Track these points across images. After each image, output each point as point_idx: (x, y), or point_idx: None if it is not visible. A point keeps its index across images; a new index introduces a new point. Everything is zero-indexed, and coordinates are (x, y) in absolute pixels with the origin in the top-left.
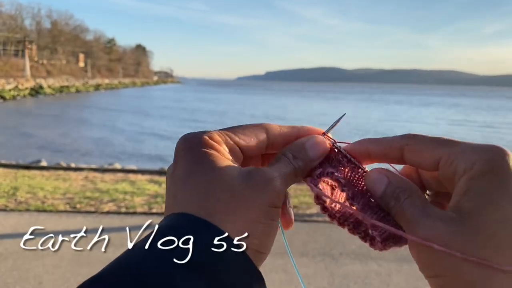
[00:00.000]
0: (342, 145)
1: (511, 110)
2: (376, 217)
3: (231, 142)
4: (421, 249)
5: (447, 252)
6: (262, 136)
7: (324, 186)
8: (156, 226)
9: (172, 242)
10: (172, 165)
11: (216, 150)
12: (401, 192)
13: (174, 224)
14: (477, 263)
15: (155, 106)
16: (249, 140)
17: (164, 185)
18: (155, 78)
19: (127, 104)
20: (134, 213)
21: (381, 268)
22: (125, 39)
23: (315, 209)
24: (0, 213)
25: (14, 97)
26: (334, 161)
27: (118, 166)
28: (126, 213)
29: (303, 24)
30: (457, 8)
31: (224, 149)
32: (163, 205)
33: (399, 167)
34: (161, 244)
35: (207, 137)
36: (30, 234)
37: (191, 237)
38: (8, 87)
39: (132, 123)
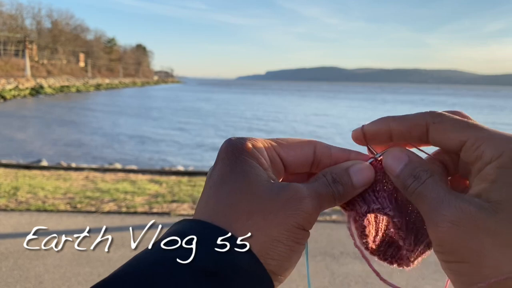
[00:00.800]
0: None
1: None
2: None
3: (275, 153)
4: (447, 231)
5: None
6: (309, 152)
7: (367, 221)
8: (171, 230)
9: (187, 249)
10: (212, 167)
11: (256, 159)
12: (423, 171)
13: (190, 230)
14: (508, 242)
15: (155, 107)
16: (293, 154)
17: (164, 185)
18: (156, 77)
19: (127, 106)
20: (135, 212)
21: (382, 268)
22: (126, 39)
23: None
24: (1, 213)
25: (14, 97)
26: (376, 190)
27: (118, 165)
28: (127, 213)
29: (304, 23)
30: (458, 6)
31: (265, 160)
32: (164, 205)
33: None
34: (175, 250)
35: (250, 145)
36: (33, 234)
37: (208, 245)
38: (8, 87)
39: (132, 127)
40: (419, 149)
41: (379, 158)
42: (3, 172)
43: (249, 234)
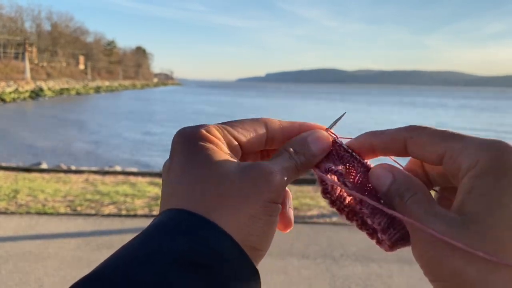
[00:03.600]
0: (344, 141)
1: None
2: (382, 216)
3: (229, 136)
4: (424, 251)
5: (449, 243)
6: (261, 130)
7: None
8: (151, 223)
9: (167, 239)
10: (168, 160)
11: (214, 143)
12: (406, 190)
13: (169, 220)
14: (481, 261)
15: (156, 111)
16: (247, 135)
17: None
18: (155, 80)
19: (127, 108)
20: (135, 215)
21: (382, 270)
22: (125, 41)
23: (316, 211)
24: (1, 216)
25: (14, 100)
26: (336, 157)
27: (118, 168)
28: (127, 216)
29: (303, 25)
30: (457, 7)
31: (222, 143)
32: None
33: (404, 161)
34: (155, 241)
35: (204, 131)
36: (32, 237)
37: (186, 233)
38: (8, 89)
39: (133, 132)
40: (394, 160)
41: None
42: (3, 175)
43: (227, 217)
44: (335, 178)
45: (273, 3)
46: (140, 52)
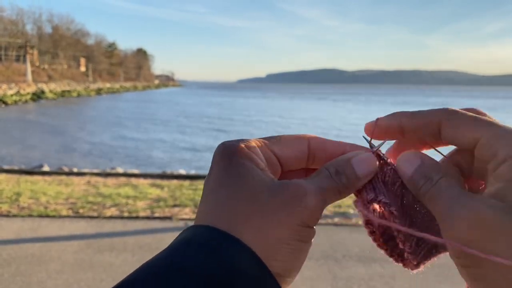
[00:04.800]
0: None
1: None
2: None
3: (269, 152)
4: (461, 234)
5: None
6: (303, 147)
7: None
8: (178, 237)
9: (189, 257)
10: (209, 172)
11: (251, 160)
12: (435, 172)
13: (194, 236)
14: None
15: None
16: (288, 151)
17: (166, 189)
18: (156, 81)
19: (129, 111)
20: (137, 217)
21: (384, 271)
22: (126, 43)
23: None
24: (3, 218)
25: (16, 102)
26: (380, 183)
27: (120, 170)
28: (129, 218)
29: (304, 26)
30: (457, 7)
31: (260, 160)
32: (166, 209)
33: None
34: (181, 258)
35: (243, 146)
36: (34, 240)
37: (211, 251)
38: (9, 92)
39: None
40: (436, 150)
41: (380, 153)
42: (5, 178)
43: (252, 237)
44: (381, 210)
45: (272, 4)
46: (141, 54)
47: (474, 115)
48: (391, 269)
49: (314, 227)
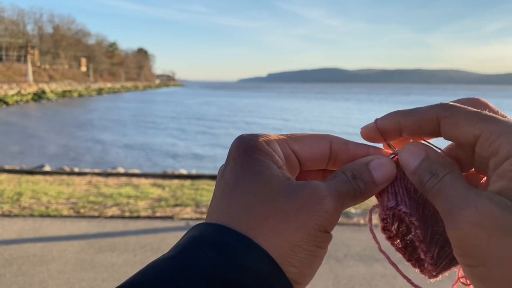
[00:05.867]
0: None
1: None
2: (435, 246)
3: (289, 149)
4: (467, 233)
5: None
6: (325, 148)
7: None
8: (187, 235)
9: (199, 256)
10: (223, 166)
11: (270, 156)
12: (441, 167)
13: (206, 236)
14: None
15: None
16: (308, 150)
17: (167, 189)
18: (157, 81)
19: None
20: (138, 217)
21: (386, 270)
22: (127, 43)
23: None
24: (4, 218)
25: (17, 102)
26: (400, 188)
27: (121, 170)
28: (130, 217)
29: (305, 25)
30: (459, 6)
31: (279, 157)
32: (167, 209)
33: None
34: (191, 258)
35: (263, 141)
36: (36, 240)
37: (224, 252)
38: (10, 92)
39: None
40: (428, 143)
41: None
42: (6, 178)
43: (267, 240)
44: (399, 216)
45: (273, 3)
46: (142, 54)
47: (473, 110)
48: (393, 269)
49: (331, 233)
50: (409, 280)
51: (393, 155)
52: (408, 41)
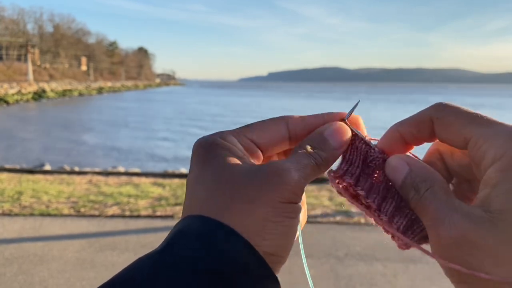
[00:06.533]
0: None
1: None
2: (401, 218)
3: (247, 140)
4: (447, 252)
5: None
6: (282, 130)
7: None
8: (172, 230)
9: (181, 248)
10: (189, 168)
11: (228, 150)
12: (421, 182)
13: (184, 228)
14: (510, 263)
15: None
16: (267, 137)
17: (167, 188)
18: (158, 80)
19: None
20: (138, 216)
21: (386, 269)
22: (127, 42)
23: (320, 210)
24: (5, 217)
25: (17, 102)
26: (355, 152)
27: (121, 169)
28: (131, 217)
29: (305, 24)
30: (460, 4)
31: (238, 149)
32: (167, 208)
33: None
34: (177, 250)
35: (219, 138)
36: (36, 239)
37: (202, 240)
38: (11, 91)
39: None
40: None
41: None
42: (7, 177)
43: (236, 221)
44: (348, 186)
45: (273, 2)
46: (142, 53)
47: (466, 110)
48: (393, 268)
49: (299, 204)
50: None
51: (347, 118)
52: (408, 40)
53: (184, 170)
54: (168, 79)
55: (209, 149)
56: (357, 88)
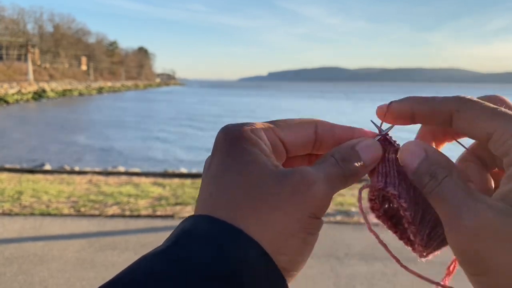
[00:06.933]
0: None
1: None
2: (425, 227)
3: (275, 136)
4: (466, 244)
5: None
6: (310, 132)
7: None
8: (178, 228)
9: (189, 249)
10: (209, 158)
11: (256, 145)
12: (439, 168)
13: (194, 228)
14: None
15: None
16: (294, 136)
17: (168, 188)
18: (158, 80)
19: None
20: (139, 216)
21: (386, 269)
22: (127, 42)
23: None
24: (5, 217)
25: (17, 101)
26: (387, 169)
27: (121, 169)
28: (131, 216)
29: (305, 24)
30: (460, 4)
31: (266, 145)
32: (168, 208)
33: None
34: (181, 252)
35: (248, 130)
36: (36, 239)
37: (212, 243)
38: (11, 91)
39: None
40: (458, 142)
41: (390, 139)
42: (7, 177)
43: (258, 230)
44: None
45: (273, 2)
46: (142, 53)
47: (489, 105)
48: (394, 267)
49: (322, 218)
50: (398, 261)
51: (379, 137)
52: (409, 39)
53: (184, 170)
54: (168, 79)
55: (235, 142)
56: (357, 88)
